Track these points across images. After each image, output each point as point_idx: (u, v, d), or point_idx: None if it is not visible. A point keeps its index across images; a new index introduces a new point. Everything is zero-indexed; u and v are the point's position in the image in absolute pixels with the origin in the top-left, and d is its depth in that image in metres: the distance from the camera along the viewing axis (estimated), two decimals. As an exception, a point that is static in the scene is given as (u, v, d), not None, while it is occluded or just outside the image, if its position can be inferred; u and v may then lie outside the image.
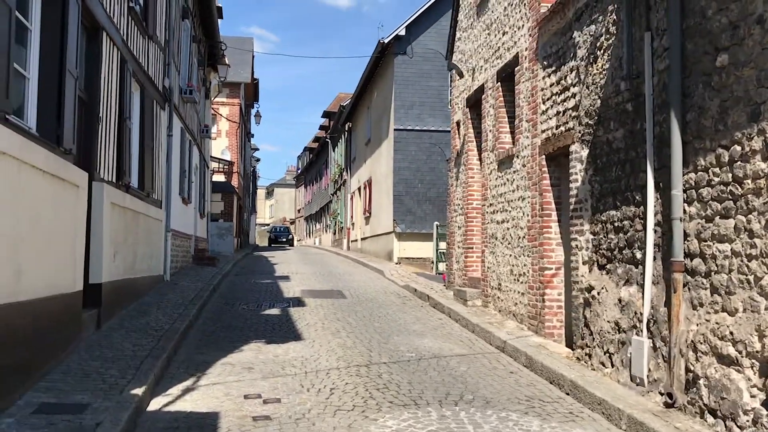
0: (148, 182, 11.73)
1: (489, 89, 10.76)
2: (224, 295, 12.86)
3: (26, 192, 5.38)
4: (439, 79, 21.87)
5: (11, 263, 5.09)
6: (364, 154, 28.78)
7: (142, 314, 9.50)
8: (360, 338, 8.67)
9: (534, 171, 8.71)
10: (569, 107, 7.64)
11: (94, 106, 8.27)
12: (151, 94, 12.12)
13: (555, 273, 8.32)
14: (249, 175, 43.95)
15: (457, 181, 12.78)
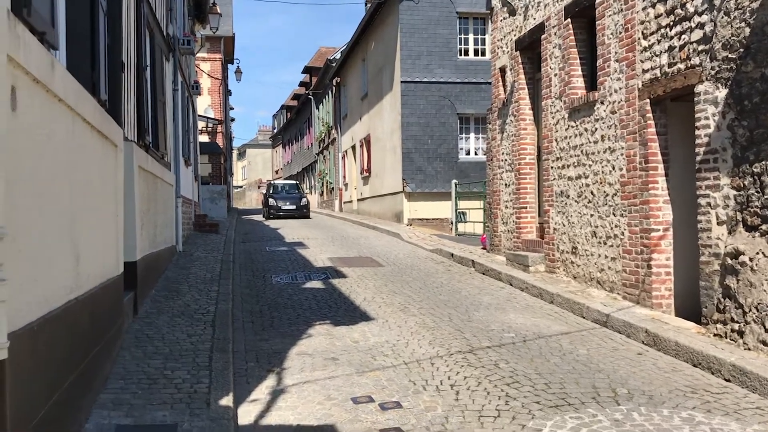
0: (162, 142, 10.37)
1: (553, 27, 9.52)
2: (247, 267, 11.63)
3: (80, 152, 4.09)
4: (447, 26, 20.52)
5: (72, 246, 3.83)
6: (359, 110, 27.35)
7: (174, 294, 8.26)
8: (436, 315, 7.55)
9: (631, 118, 7.56)
10: (693, 40, 6.47)
11: (117, 51, 6.87)
12: (158, 42, 10.67)
13: (663, 235, 7.25)
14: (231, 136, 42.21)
15: (503, 134, 11.59)
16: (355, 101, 28.26)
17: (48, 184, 3.29)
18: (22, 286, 2.79)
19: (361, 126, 26.81)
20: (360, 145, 27.20)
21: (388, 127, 22.21)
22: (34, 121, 3.04)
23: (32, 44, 2.97)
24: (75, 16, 4.90)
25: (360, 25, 24.51)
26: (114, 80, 6.73)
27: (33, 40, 3.00)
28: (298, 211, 27.15)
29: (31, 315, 2.98)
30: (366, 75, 25.77)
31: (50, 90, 3.31)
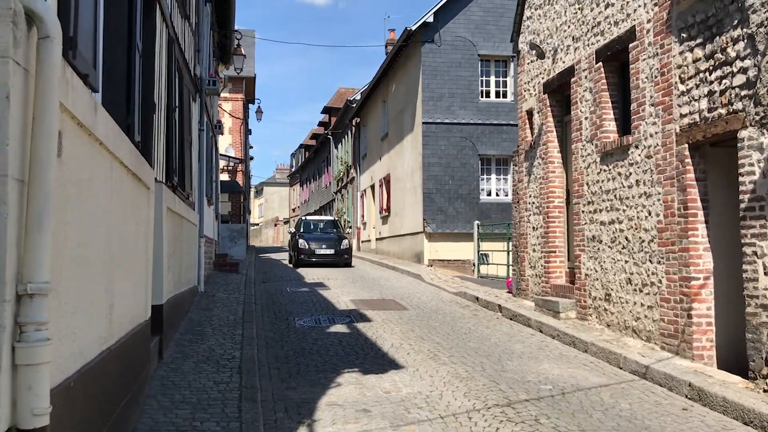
0: (187, 182, 10.31)
1: (583, 71, 9.44)
2: (269, 308, 11.46)
3: (116, 196, 3.98)
4: (469, 68, 20.56)
5: (107, 294, 3.69)
6: (378, 149, 27.38)
7: (198, 337, 8.10)
8: (468, 364, 7.31)
9: (669, 163, 7.40)
10: (735, 85, 6.33)
11: (150, 92, 6.84)
12: (186, 82, 10.70)
13: (703, 284, 7.01)
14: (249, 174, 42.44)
15: (530, 176, 11.45)
16: (374, 141, 28.32)
17: (88, 231, 3.17)
18: (61, 341, 2.65)
19: (381, 165, 26.81)
20: (379, 185, 27.16)
21: (409, 166, 22.16)
22: (77, 167, 2.93)
23: (78, 87, 2.88)
24: (112, 56, 4.85)
25: (381, 68, 24.67)
26: (146, 121, 6.68)
27: (79, 83, 2.91)
28: (338, 256, 20.72)
29: (68, 370, 2.83)
30: (386, 115, 25.85)
31: (92, 134, 3.22)
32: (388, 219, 25.56)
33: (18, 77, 2.06)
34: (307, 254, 20.75)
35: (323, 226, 23.51)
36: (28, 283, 2.06)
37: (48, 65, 2.14)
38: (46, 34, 2.14)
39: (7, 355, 2.01)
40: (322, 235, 21.97)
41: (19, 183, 2.08)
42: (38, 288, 2.07)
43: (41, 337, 2.09)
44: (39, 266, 2.08)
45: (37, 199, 2.09)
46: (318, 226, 23.48)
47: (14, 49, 2.02)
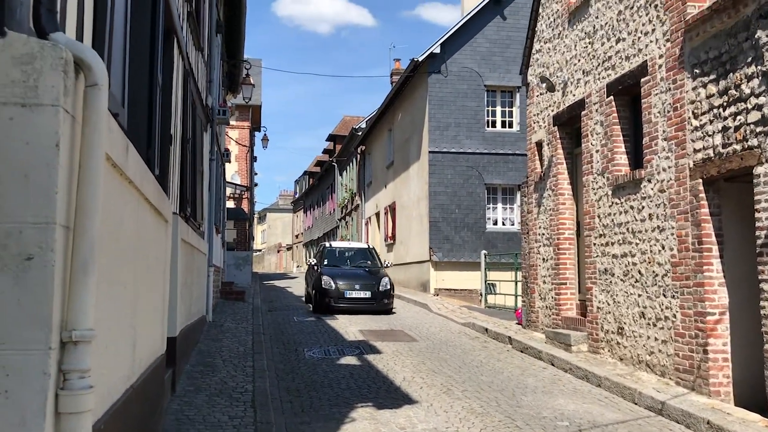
0: (199, 212, 10.33)
1: (594, 104, 9.50)
2: (277, 339, 11.41)
3: (141, 232, 4.00)
4: (475, 98, 20.71)
5: (131, 331, 3.68)
6: (384, 177, 27.47)
7: (209, 369, 8.05)
8: (482, 399, 7.25)
9: (682, 197, 7.41)
10: (750, 121, 6.36)
11: (167, 125, 6.88)
12: (199, 113, 10.78)
13: (719, 319, 6.98)
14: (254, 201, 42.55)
15: (539, 207, 11.46)
16: (380, 169, 28.42)
17: (118, 270, 3.18)
18: (94, 384, 2.64)
19: (386, 193, 26.87)
20: (385, 212, 27.20)
21: (415, 195, 22.21)
22: (110, 208, 2.95)
23: (114, 129, 2.90)
24: (136, 91, 4.89)
25: (387, 97, 24.84)
26: (164, 154, 6.72)
27: (115, 125, 2.94)
28: (376, 301, 15.34)
29: (98, 412, 2.82)
30: (392, 144, 25.98)
31: (124, 173, 3.24)
32: (393, 247, 25.55)
33: (66, 125, 2.08)
34: (334, 297, 15.22)
35: (354, 256, 17.76)
36: (72, 330, 2.06)
37: (95, 113, 2.17)
38: (94, 82, 2.17)
39: (51, 402, 2.00)
40: (354, 271, 16.40)
41: (65, 230, 2.09)
42: (82, 335, 2.07)
43: (84, 384, 2.08)
44: (83, 313, 2.08)
45: (83, 246, 2.10)
46: (347, 257, 17.71)
47: (64, 98, 2.05)
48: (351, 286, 15.42)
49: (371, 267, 16.90)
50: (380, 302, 15.20)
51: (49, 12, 2.18)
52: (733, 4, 6.58)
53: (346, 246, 18.89)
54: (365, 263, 17.30)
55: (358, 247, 18.93)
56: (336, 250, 18.27)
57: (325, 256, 17.73)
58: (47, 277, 1.99)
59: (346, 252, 18.16)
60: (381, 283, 15.54)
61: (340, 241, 19.97)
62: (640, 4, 8.36)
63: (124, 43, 3.87)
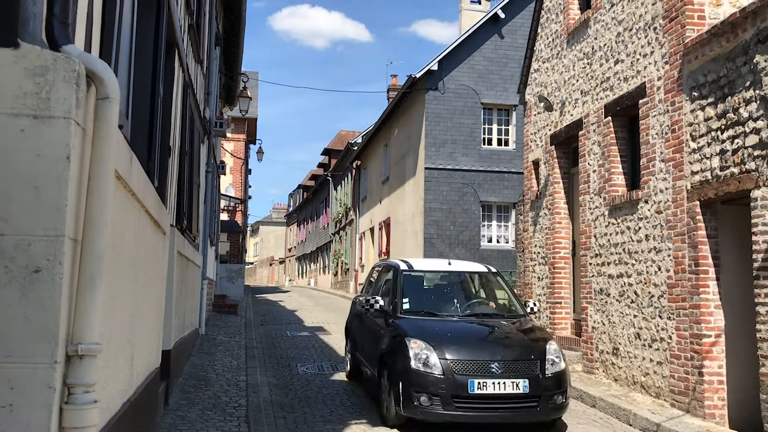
0: (194, 224, 10.30)
1: (592, 125, 9.55)
2: (270, 353, 11.34)
3: (141, 244, 3.98)
4: (471, 116, 20.79)
5: (130, 345, 3.65)
6: (379, 193, 27.49)
7: (202, 383, 7.99)
8: (477, 417, 7.19)
9: (679, 219, 7.43)
10: (747, 145, 6.40)
11: (166, 137, 6.88)
12: (197, 125, 10.78)
13: (715, 341, 6.98)
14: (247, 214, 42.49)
15: (535, 226, 11.49)
16: (375, 184, 28.45)
17: (119, 283, 3.16)
18: (95, 398, 2.61)
19: (381, 209, 26.88)
20: (379, 228, 27.19)
21: (410, 211, 22.22)
22: (113, 221, 2.93)
23: (121, 142, 2.89)
24: (138, 103, 4.90)
25: (384, 113, 24.92)
26: (163, 166, 6.71)
27: (121, 137, 2.93)
28: (540, 402, 6.46)
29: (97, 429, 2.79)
30: (388, 159, 26.02)
31: (127, 185, 3.23)
32: (387, 263, 25.49)
33: (78, 138, 2.07)
34: (443, 394, 6.36)
35: (462, 291, 8.59)
36: (78, 343, 2.04)
37: (106, 126, 2.16)
38: (105, 95, 2.16)
39: (56, 417, 1.98)
40: (478, 328, 7.38)
41: (74, 242, 2.08)
42: (88, 349, 2.05)
43: (89, 399, 2.06)
44: (89, 327, 2.07)
45: (90, 259, 2.08)
46: (449, 292, 8.53)
47: (76, 110, 2.04)
48: (482, 369, 6.49)
49: (509, 316, 7.84)
50: (547, 404, 6.53)
51: (62, 24, 2.18)
52: (732, 29, 6.64)
53: (442, 269, 8.70)
54: (488, 306, 8.25)
55: (470, 271, 8.74)
56: (423, 278, 8.71)
57: (401, 289, 7.94)
58: (55, 290, 1.98)
59: (446, 282, 8.68)
60: (546, 359, 6.69)
61: (425, 261, 9.63)
62: (639, 26, 8.43)
63: (129, 55, 3.87)
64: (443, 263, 8.85)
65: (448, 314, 7.55)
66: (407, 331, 6.81)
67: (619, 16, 8.93)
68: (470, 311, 7.80)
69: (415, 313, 7.46)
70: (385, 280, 8.81)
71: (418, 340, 6.55)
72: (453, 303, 8.02)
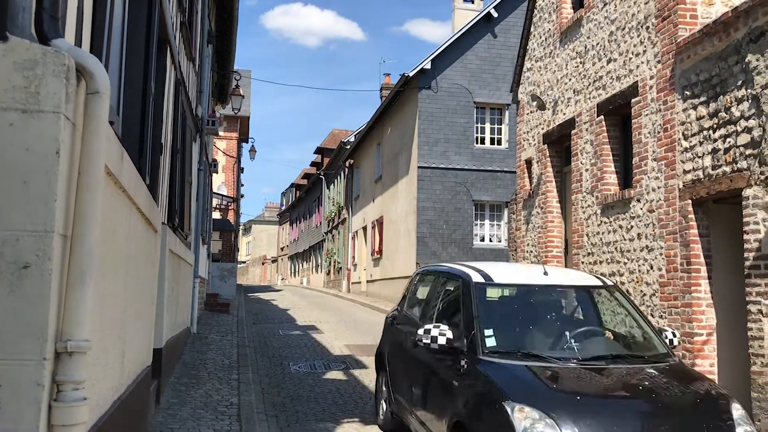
0: (186, 223, 10.26)
1: (584, 123, 9.56)
2: (263, 352, 11.31)
3: (132, 241, 3.95)
4: (464, 115, 20.79)
5: (120, 343, 3.63)
6: (371, 192, 27.47)
7: (194, 381, 7.96)
8: (469, 415, 7.19)
9: (671, 218, 7.45)
10: (739, 144, 6.42)
11: (158, 135, 6.84)
12: (189, 123, 10.73)
13: (707, 340, 7.01)
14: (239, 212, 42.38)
15: (528, 225, 11.50)
16: (368, 183, 28.42)
17: (110, 280, 3.14)
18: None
19: (374, 208, 26.86)
20: (372, 227, 27.17)
21: (403, 210, 22.21)
22: (104, 217, 2.91)
23: (111, 138, 2.87)
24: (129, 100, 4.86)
25: (377, 111, 24.89)
26: (154, 163, 6.67)
27: (111, 133, 2.91)
28: None
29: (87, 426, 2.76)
30: (381, 158, 26.00)
31: (118, 182, 3.20)
32: (379, 261, 25.50)
33: (67, 133, 2.05)
34: None
35: (573, 318, 5.69)
36: (67, 340, 2.02)
37: (96, 121, 2.14)
38: (95, 90, 2.14)
39: (45, 414, 1.96)
40: (632, 394, 4.43)
41: (63, 238, 2.06)
42: (78, 346, 2.03)
43: (78, 396, 2.04)
44: (79, 324, 2.05)
45: (80, 255, 2.06)
46: (557, 321, 5.50)
47: (66, 105, 2.02)
48: None
49: (651, 357, 5.07)
50: None
51: (52, 18, 2.16)
52: (724, 28, 6.66)
53: (536, 282, 5.65)
54: (616, 341, 5.51)
55: (578, 284, 5.81)
56: (512, 297, 5.73)
57: (479, 314, 5.13)
58: (44, 286, 1.96)
59: (545, 301, 5.75)
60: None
61: (505, 268, 6.08)
62: (632, 25, 8.45)
63: (120, 51, 3.84)
64: (535, 271, 5.80)
65: (560, 356, 4.75)
66: (505, 389, 4.26)
67: (612, 15, 8.95)
68: (592, 350, 5.00)
69: (507, 354, 4.73)
70: (442, 296, 6.00)
71: (527, 407, 4.00)
72: (562, 336, 5.10)
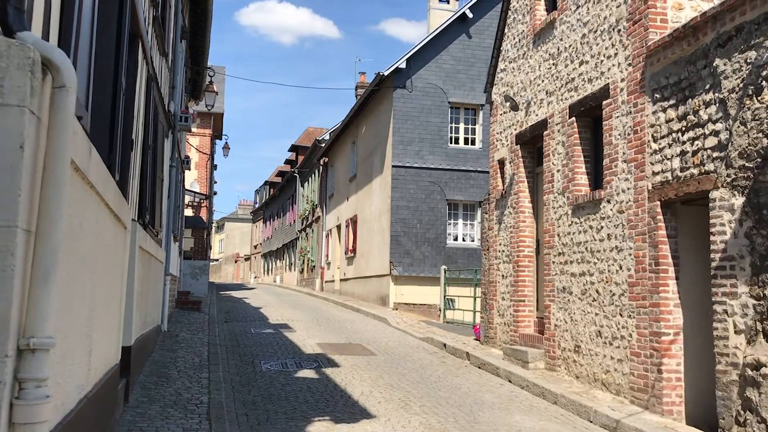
0: (157, 220, 10.16)
1: (556, 125, 9.65)
2: (234, 350, 11.24)
3: (100, 238, 3.91)
4: (439, 115, 20.87)
5: (88, 340, 3.59)
6: (346, 190, 27.45)
7: (164, 380, 7.89)
8: (440, 414, 7.25)
9: (640, 219, 7.55)
10: (707, 146, 6.53)
11: (129, 130, 6.76)
12: (161, 119, 10.62)
13: (674, 339, 7.11)
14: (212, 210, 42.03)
15: (500, 224, 11.57)
16: (342, 182, 28.39)
17: (76, 276, 3.09)
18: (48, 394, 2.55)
19: (348, 206, 26.84)
20: (346, 225, 27.14)
21: (377, 209, 22.22)
22: (71, 213, 2.87)
23: (79, 132, 2.83)
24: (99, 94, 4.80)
25: (352, 110, 24.87)
26: (125, 159, 6.59)
27: (79, 128, 2.87)
28: None
29: (51, 424, 2.73)
30: (355, 157, 25.99)
31: (86, 178, 3.16)
32: (353, 260, 25.48)
33: (32, 127, 2.02)
34: None
35: None
36: (30, 337, 1.99)
37: (63, 115, 2.11)
38: (61, 84, 2.11)
39: (5, 412, 1.93)
40: None
41: (27, 233, 2.03)
42: (41, 343, 2.00)
43: (41, 394, 2.01)
44: (42, 321, 2.02)
45: (45, 251, 2.03)
46: None
47: (31, 99, 1.99)
48: None
49: None
50: None
51: (17, 10, 2.13)
52: (693, 33, 6.77)
53: None
54: None
55: None
56: None
57: None
58: (6, 282, 1.92)
59: None
60: None
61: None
62: (604, 28, 8.54)
63: (90, 45, 3.79)
64: None
65: None
66: None
67: (585, 18, 9.04)
68: None
69: None
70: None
71: None
72: None
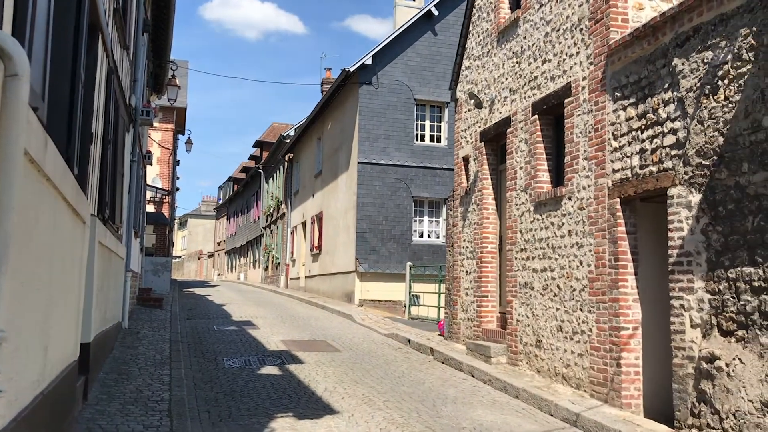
0: (118, 215, 10.00)
1: (519, 122, 9.74)
2: (196, 347, 11.13)
3: (57, 232, 3.83)
4: (405, 112, 20.91)
5: (43, 335, 3.52)
6: (311, 187, 27.34)
7: (124, 377, 7.78)
8: (403, 409, 7.27)
9: (600, 215, 7.67)
10: (665, 144, 6.66)
11: (88, 123, 6.63)
12: (122, 113, 10.45)
13: (632, 334, 7.24)
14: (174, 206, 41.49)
15: (464, 221, 11.65)
16: (308, 178, 28.27)
17: (31, 270, 3.03)
18: None
19: (314, 203, 26.74)
20: (311, 222, 27.03)
21: (342, 205, 22.19)
22: (25, 206, 2.81)
23: (33, 123, 2.77)
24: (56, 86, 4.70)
25: (317, 106, 24.77)
26: (84, 153, 6.47)
27: (34, 119, 2.81)
28: None
29: (4, 420, 2.67)
30: (321, 153, 25.90)
31: (41, 170, 3.10)
32: (318, 257, 25.41)
33: (-18, 116, 1.97)
34: None
35: None
36: (-19, 331, 1.95)
37: (15, 104, 2.06)
38: (14, 72, 2.07)
39: (-46, 409, 1.88)
40: None
41: (-23, 225, 1.98)
42: (-8, 337, 1.96)
43: (-8, 389, 1.97)
44: (-7, 314, 1.97)
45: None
46: None
47: (-19, 87, 1.94)
48: None
49: None
50: None
51: (-32, -4, 2.07)
52: (653, 32, 6.89)
53: None
54: None
55: None
56: None
57: None
58: (-45, 275, 1.88)
59: None
60: None
61: None
62: (567, 27, 8.64)
63: (46, 36, 3.71)
64: None
65: None
66: None
67: (548, 16, 9.14)
68: None
69: None
70: None
71: None
72: None
